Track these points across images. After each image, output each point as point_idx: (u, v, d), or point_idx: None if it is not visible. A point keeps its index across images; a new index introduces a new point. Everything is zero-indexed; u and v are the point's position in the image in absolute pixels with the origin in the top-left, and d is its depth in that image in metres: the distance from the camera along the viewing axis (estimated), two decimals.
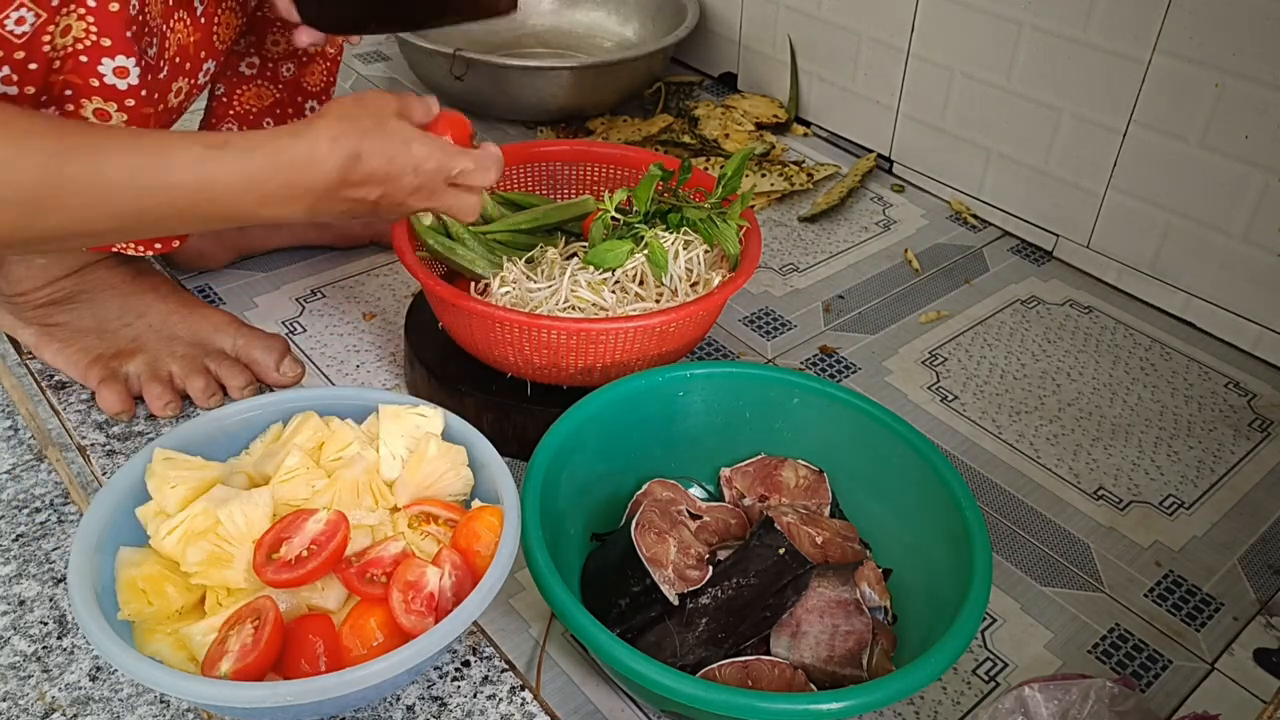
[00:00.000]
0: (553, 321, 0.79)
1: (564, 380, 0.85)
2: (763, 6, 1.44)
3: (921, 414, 0.97)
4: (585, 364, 0.83)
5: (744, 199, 0.91)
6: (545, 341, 0.80)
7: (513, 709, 0.68)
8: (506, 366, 0.86)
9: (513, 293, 0.87)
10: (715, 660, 0.67)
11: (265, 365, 0.91)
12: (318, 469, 0.72)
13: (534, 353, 0.82)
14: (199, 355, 0.90)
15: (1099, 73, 1.09)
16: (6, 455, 0.85)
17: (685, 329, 0.84)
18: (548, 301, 0.86)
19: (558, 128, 1.41)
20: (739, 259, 0.89)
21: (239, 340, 0.91)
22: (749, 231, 0.90)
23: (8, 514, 0.80)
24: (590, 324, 0.79)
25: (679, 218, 0.90)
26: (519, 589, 0.78)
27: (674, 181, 0.93)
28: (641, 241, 0.88)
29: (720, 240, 0.89)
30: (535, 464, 0.72)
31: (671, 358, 0.86)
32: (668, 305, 0.86)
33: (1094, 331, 1.09)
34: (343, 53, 1.05)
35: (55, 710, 0.67)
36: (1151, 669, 0.75)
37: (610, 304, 0.86)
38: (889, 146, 1.35)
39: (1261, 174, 1.00)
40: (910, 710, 0.72)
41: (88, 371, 0.89)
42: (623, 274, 0.88)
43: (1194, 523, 0.87)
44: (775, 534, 0.73)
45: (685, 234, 0.90)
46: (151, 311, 0.92)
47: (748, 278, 0.86)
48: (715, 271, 0.90)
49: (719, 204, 0.91)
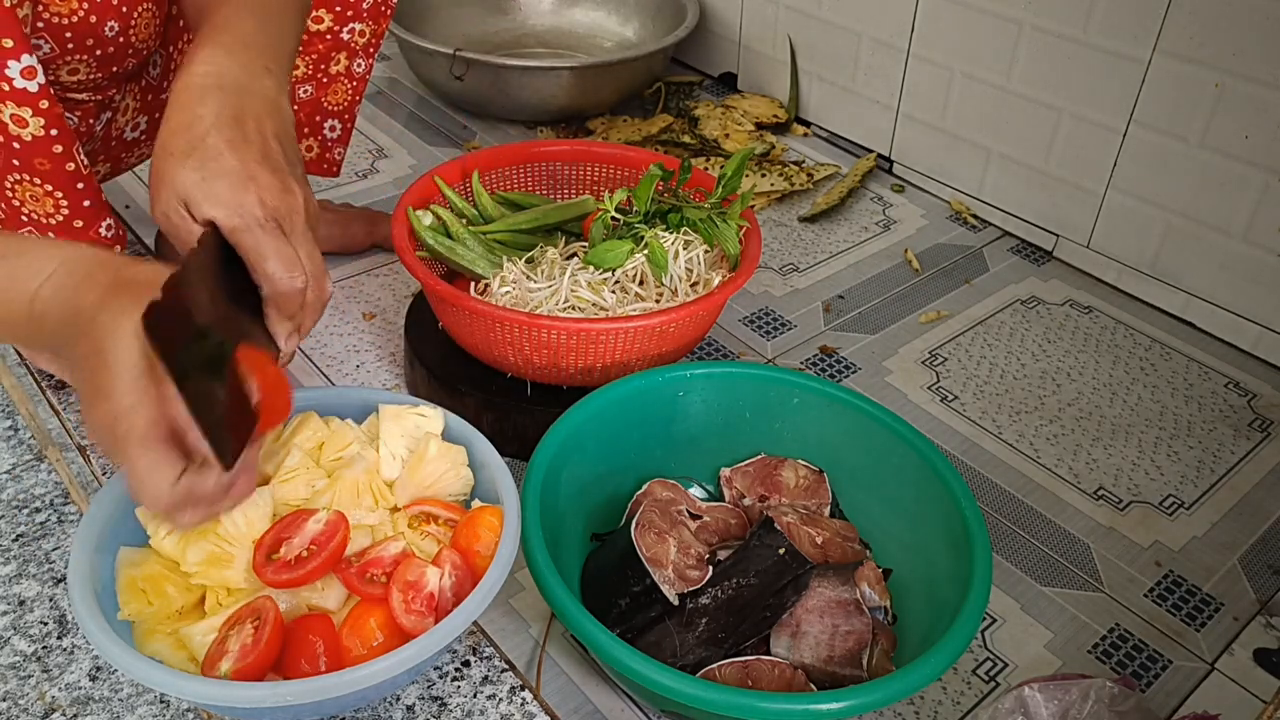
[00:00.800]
0: (552, 321, 0.79)
1: (564, 380, 0.85)
2: (763, 6, 1.44)
3: (921, 414, 0.97)
4: (585, 364, 0.82)
5: (744, 199, 0.91)
6: (545, 341, 0.80)
7: (513, 709, 0.68)
8: (506, 366, 0.86)
9: (513, 292, 0.87)
10: (715, 660, 0.67)
11: None
12: (318, 469, 0.72)
13: (534, 353, 0.82)
14: None
15: (1099, 73, 1.09)
16: (6, 455, 0.85)
17: (685, 329, 0.84)
18: (548, 301, 0.86)
19: (558, 128, 1.41)
20: (739, 259, 0.89)
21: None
22: (749, 232, 0.91)
23: (8, 514, 0.80)
24: (590, 324, 0.79)
25: (679, 217, 0.90)
26: (519, 589, 0.78)
27: (674, 182, 0.93)
28: (641, 241, 0.88)
29: (720, 240, 0.89)
30: (535, 464, 0.72)
31: (671, 358, 0.86)
32: (667, 305, 0.86)
33: (1094, 331, 1.09)
34: (370, 72, 1.04)
35: (55, 710, 0.67)
36: (1151, 669, 0.75)
37: (610, 304, 0.86)
38: (889, 146, 1.35)
39: (1261, 174, 1.00)
40: (910, 710, 0.72)
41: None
42: (623, 274, 0.88)
43: (1194, 523, 0.87)
44: (775, 534, 0.73)
45: (685, 234, 0.90)
46: None
47: (748, 277, 0.86)
48: (715, 271, 0.90)
49: (719, 204, 0.91)
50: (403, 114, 1.45)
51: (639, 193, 0.90)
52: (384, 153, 1.35)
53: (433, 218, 0.91)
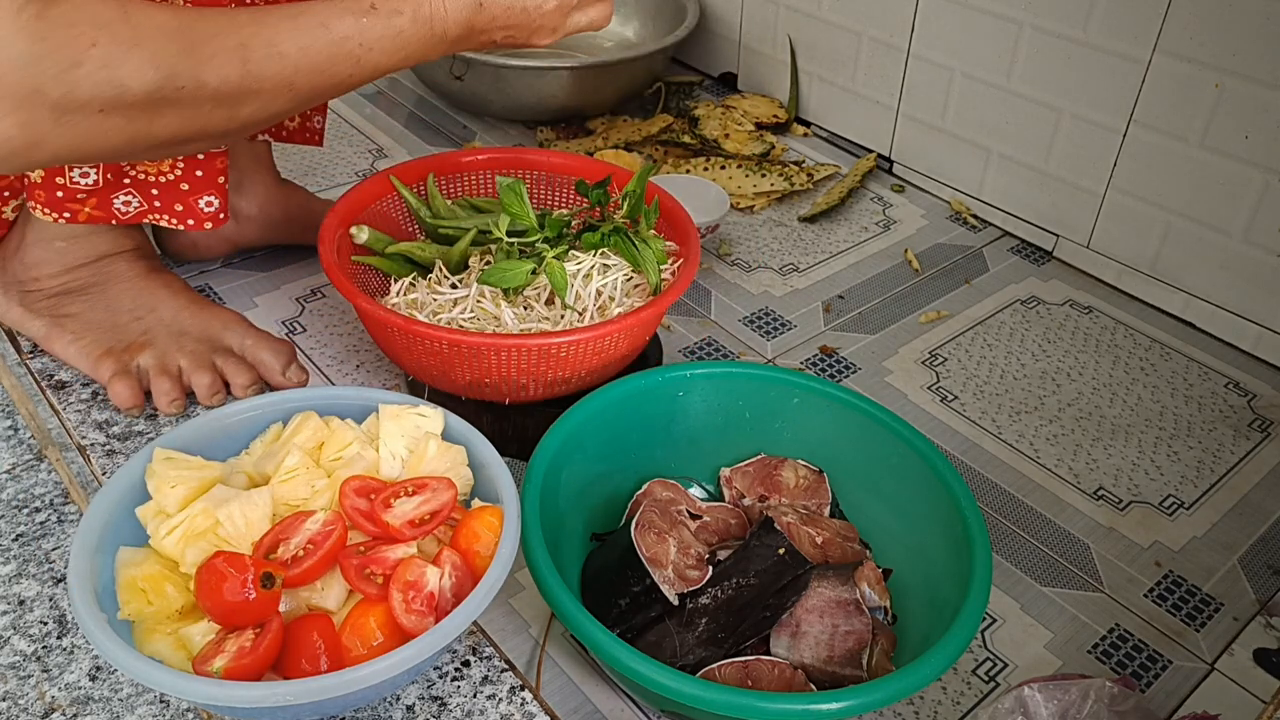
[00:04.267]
0: (430, 329, 0.77)
1: (460, 392, 0.83)
2: (763, 6, 1.44)
3: (921, 414, 0.97)
4: (474, 378, 0.81)
5: (648, 217, 0.88)
6: (431, 350, 0.79)
7: (512, 709, 0.68)
8: (415, 374, 0.85)
9: (420, 297, 0.86)
10: (715, 660, 0.67)
11: (271, 368, 0.91)
12: (318, 469, 0.72)
13: (425, 358, 0.81)
14: (207, 351, 0.90)
15: (1099, 73, 1.09)
16: (6, 455, 0.85)
17: (579, 353, 0.80)
18: (450, 309, 0.84)
19: (557, 128, 1.41)
20: (659, 287, 0.85)
21: (247, 340, 0.92)
22: (686, 260, 0.87)
23: (7, 514, 0.80)
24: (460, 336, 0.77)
25: (598, 237, 0.86)
26: (519, 589, 0.78)
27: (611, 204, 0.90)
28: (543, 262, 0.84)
29: (641, 264, 0.85)
30: (535, 464, 0.72)
31: (580, 380, 0.83)
32: (564, 328, 0.83)
33: (1094, 332, 1.09)
34: None
35: (55, 710, 0.67)
36: (1151, 669, 0.75)
37: (508, 320, 0.83)
38: (889, 146, 1.35)
39: (1261, 174, 1.00)
40: (910, 710, 0.72)
41: (99, 364, 0.89)
42: (532, 292, 0.85)
43: (1194, 523, 0.87)
44: (775, 534, 0.73)
45: (605, 256, 0.86)
46: (163, 306, 0.92)
47: (657, 311, 0.81)
48: (640, 296, 0.87)
49: (621, 225, 0.87)
50: (402, 114, 1.45)
51: (513, 209, 0.86)
52: (384, 153, 1.35)
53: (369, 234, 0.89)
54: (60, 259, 0.90)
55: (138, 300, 0.92)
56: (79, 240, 0.90)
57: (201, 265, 1.10)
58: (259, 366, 0.91)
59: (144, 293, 0.92)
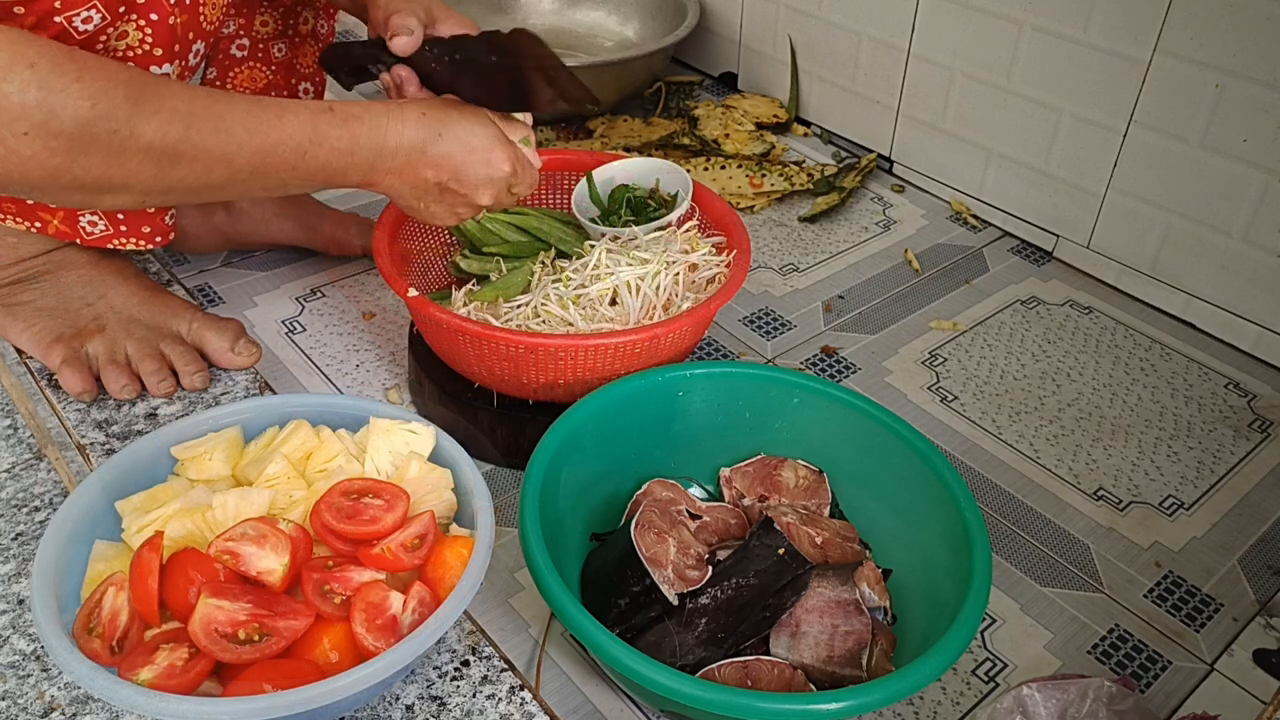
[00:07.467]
0: (509, 335, 0.78)
1: (529, 395, 0.84)
2: (763, 6, 1.44)
3: (921, 414, 0.97)
4: (547, 380, 0.81)
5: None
6: (506, 355, 0.80)
7: (512, 709, 0.68)
8: (476, 378, 0.85)
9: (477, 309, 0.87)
10: (715, 660, 0.67)
11: (218, 348, 0.92)
12: (299, 478, 0.71)
13: (497, 365, 0.81)
14: (154, 338, 0.91)
15: (1099, 73, 1.09)
16: (6, 454, 0.85)
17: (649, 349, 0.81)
18: (517, 314, 0.85)
19: (558, 128, 1.41)
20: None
21: (194, 324, 0.92)
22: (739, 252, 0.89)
23: (7, 513, 0.80)
24: (544, 339, 0.78)
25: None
26: (519, 589, 0.78)
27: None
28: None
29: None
30: (535, 464, 0.72)
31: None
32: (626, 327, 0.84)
33: (1094, 332, 1.09)
34: (334, 35, 1.05)
35: (55, 709, 0.67)
36: (1151, 669, 0.75)
37: (578, 322, 0.84)
38: (889, 146, 1.35)
39: (1261, 174, 1.00)
40: (910, 710, 0.72)
41: (49, 351, 0.89)
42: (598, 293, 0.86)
43: (1194, 523, 0.87)
44: (775, 534, 0.73)
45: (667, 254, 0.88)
46: (113, 293, 0.92)
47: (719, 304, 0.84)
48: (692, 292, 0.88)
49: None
50: None
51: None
52: None
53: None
54: (12, 252, 0.90)
55: (89, 287, 0.92)
56: (33, 233, 0.90)
57: (201, 264, 1.10)
58: (206, 348, 0.92)
59: (95, 280, 0.92)
